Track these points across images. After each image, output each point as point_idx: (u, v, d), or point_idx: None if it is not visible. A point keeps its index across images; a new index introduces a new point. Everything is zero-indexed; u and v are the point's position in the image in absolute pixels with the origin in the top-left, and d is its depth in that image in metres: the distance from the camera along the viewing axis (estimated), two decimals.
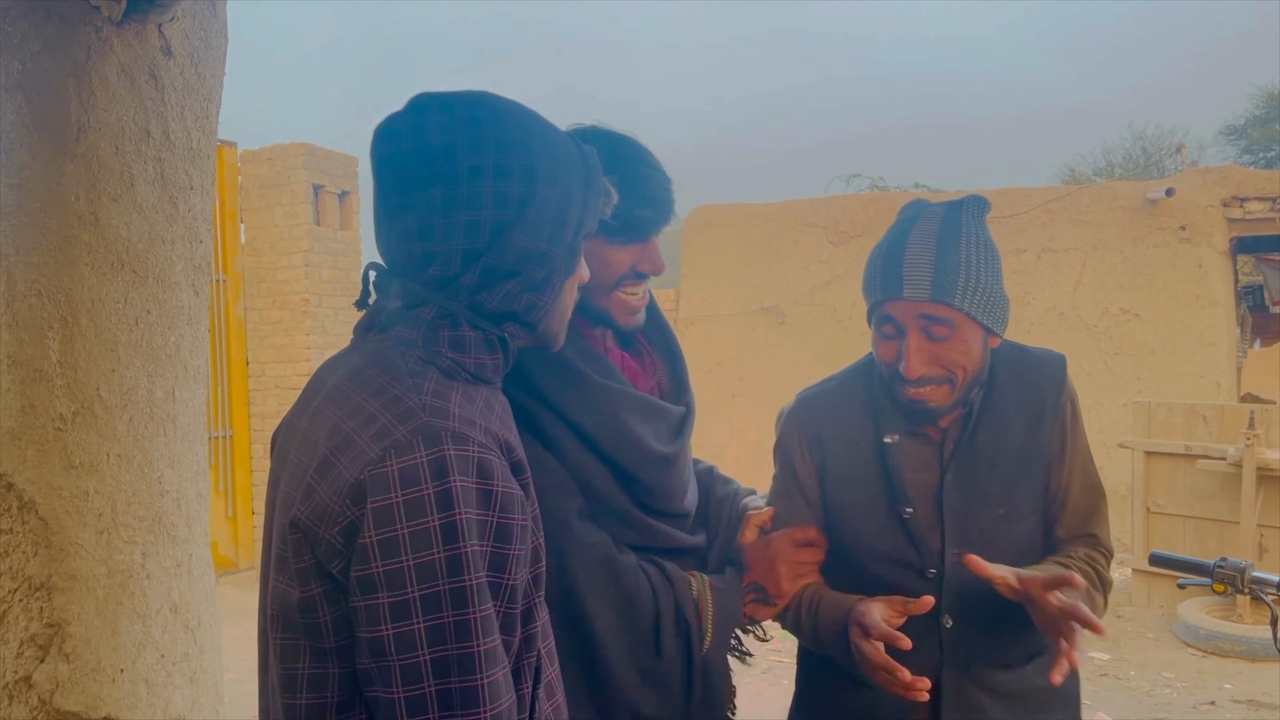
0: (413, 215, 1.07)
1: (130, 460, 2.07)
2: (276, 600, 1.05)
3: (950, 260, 1.46)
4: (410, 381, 1.04)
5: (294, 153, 7.38)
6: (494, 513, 0.99)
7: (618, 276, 1.53)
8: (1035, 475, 1.59)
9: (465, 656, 0.95)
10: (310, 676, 1.02)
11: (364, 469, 0.97)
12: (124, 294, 2.06)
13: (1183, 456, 6.18)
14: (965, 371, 1.50)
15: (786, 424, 1.68)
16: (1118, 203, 8.39)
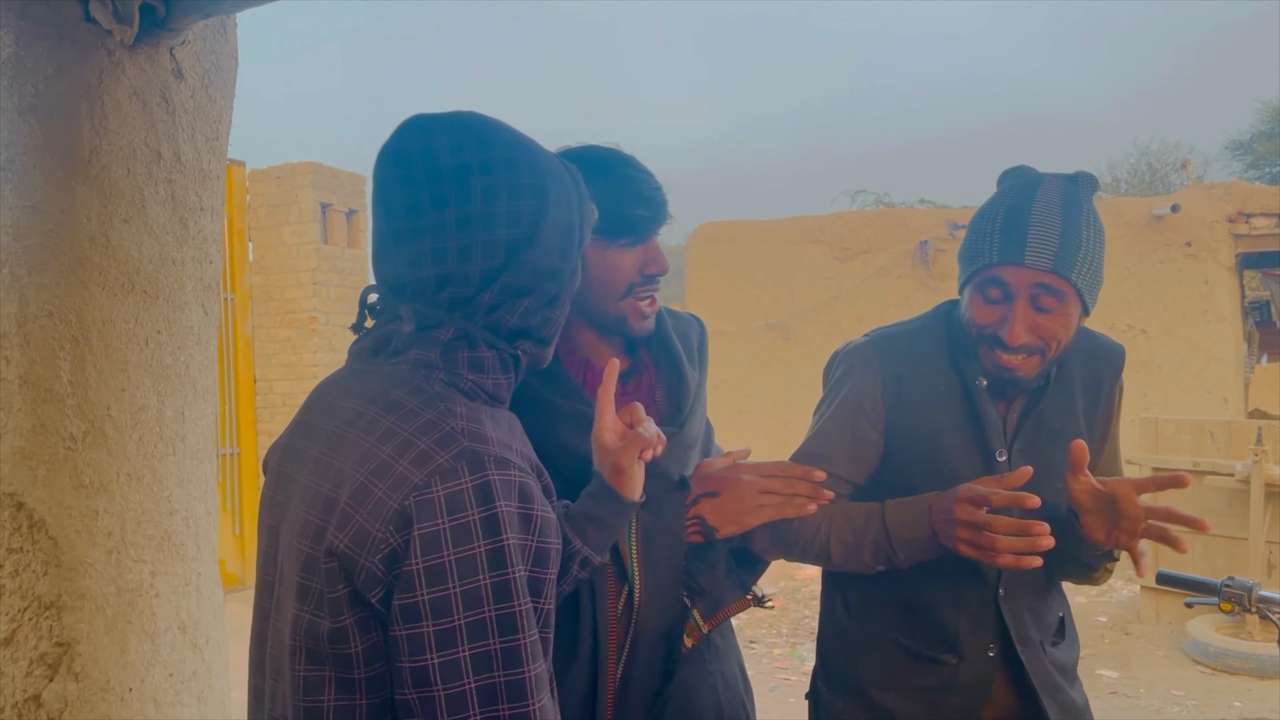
0: (425, 238, 1.07)
1: (140, 479, 2.08)
2: (302, 631, 1.02)
3: (1074, 233, 1.45)
4: (442, 405, 1.03)
5: (302, 172, 7.43)
6: (533, 537, 0.99)
7: (628, 282, 1.55)
8: None
9: (516, 683, 0.94)
10: (337, 709, 1.01)
11: (408, 495, 0.95)
12: (135, 314, 2.07)
13: (1191, 473, 6.16)
14: (1059, 345, 1.50)
15: (861, 359, 1.63)
16: (1123, 219, 8.39)
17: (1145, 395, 8.20)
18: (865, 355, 1.63)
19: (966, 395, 1.57)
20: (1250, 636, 5.59)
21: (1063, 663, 1.63)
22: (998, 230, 1.49)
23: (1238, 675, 5.40)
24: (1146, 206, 8.38)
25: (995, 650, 1.57)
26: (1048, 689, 1.58)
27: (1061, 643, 1.64)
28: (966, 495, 1.41)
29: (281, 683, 1.06)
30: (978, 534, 1.39)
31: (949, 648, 1.58)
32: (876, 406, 1.60)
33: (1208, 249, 8.04)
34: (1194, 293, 8.09)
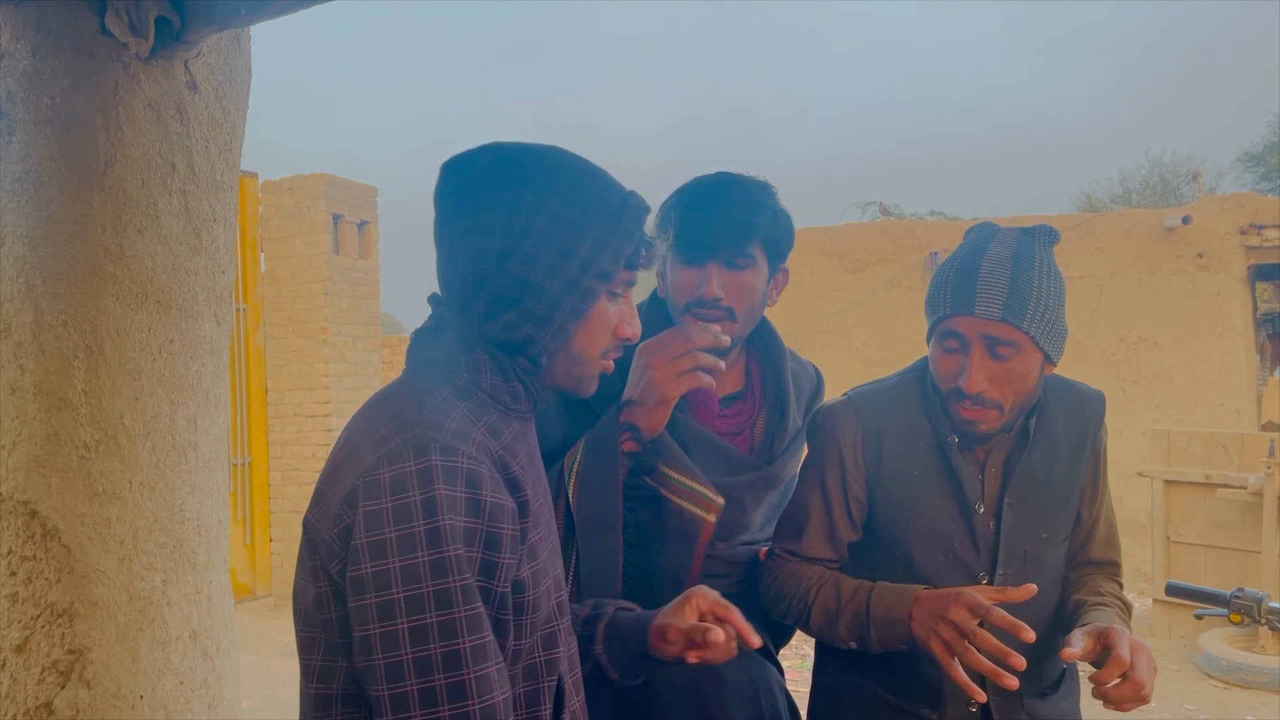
0: (445, 244, 1.17)
1: (152, 488, 2.10)
2: (298, 594, 1.12)
3: (1023, 283, 1.48)
4: (417, 397, 1.11)
5: (314, 183, 7.47)
6: (483, 521, 1.04)
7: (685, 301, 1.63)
8: (1071, 504, 1.63)
9: (451, 654, 1.00)
10: (322, 668, 1.10)
11: (360, 475, 1.04)
12: (148, 324, 2.09)
13: (1203, 485, 6.14)
14: (1018, 395, 1.51)
15: (841, 418, 1.65)
16: (1135, 230, 8.38)
17: (1157, 408, 8.17)
18: (845, 414, 1.65)
19: (942, 450, 1.59)
20: (1263, 650, 5.56)
21: (1048, 716, 1.62)
22: (951, 282, 1.52)
23: (1251, 689, 5.36)
24: (1158, 218, 8.37)
25: (977, 704, 1.56)
26: None
27: (1054, 695, 1.63)
28: (967, 601, 1.40)
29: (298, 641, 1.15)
30: (959, 640, 1.39)
31: (931, 702, 1.58)
32: (858, 464, 1.63)
33: (1219, 261, 8.02)
34: (1206, 304, 8.07)
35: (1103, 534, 1.68)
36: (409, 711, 0.99)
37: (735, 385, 1.75)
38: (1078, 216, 9.18)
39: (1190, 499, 6.24)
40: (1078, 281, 8.51)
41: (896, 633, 1.47)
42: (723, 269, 1.61)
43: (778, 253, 1.69)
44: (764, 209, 1.64)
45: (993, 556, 1.57)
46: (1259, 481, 5.64)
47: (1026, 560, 1.57)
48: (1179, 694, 5.38)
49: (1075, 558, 1.67)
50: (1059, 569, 1.64)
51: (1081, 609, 1.55)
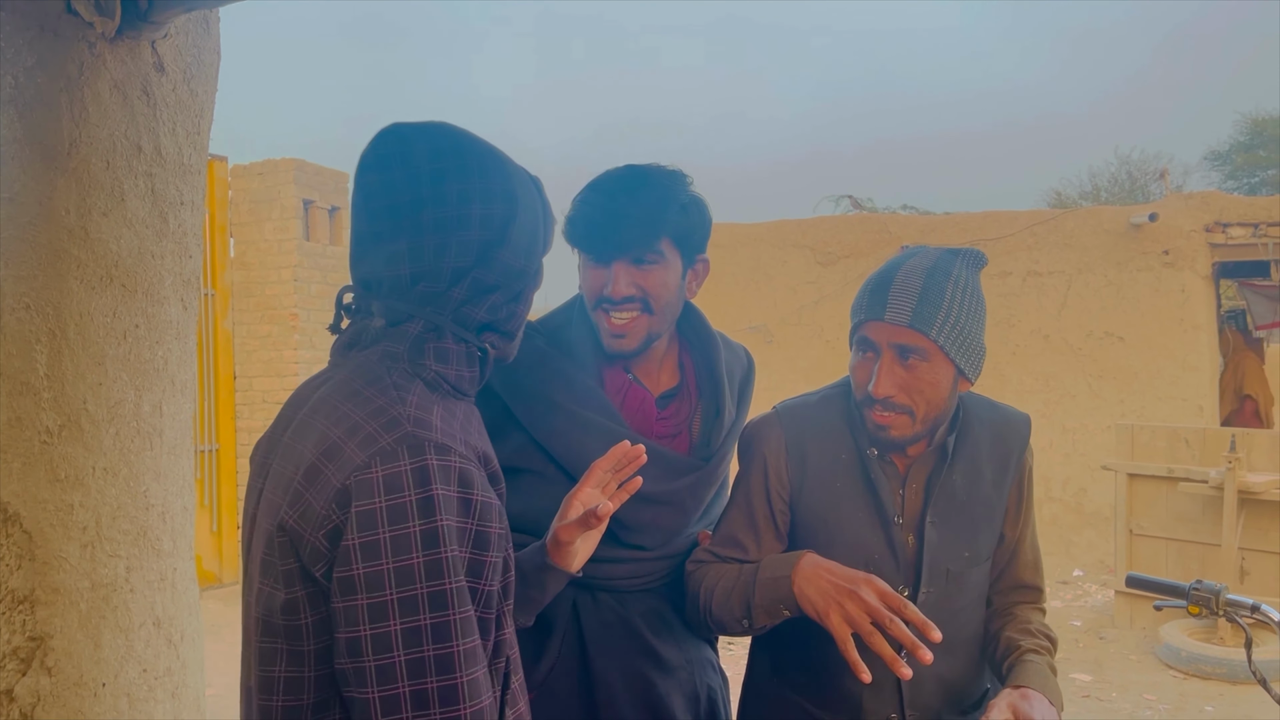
0: (404, 238, 1.14)
1: (116, 474, 2.07)
2: (261, 603, 1.09)
3: (934, 294, 1.50)
4: (395, 393, 1.09)
5: (284, 168, 7.40)
6: (473, 520, 1.04)
7: (594, 297, 1.63)
8: (994, 524, 1.65)
9: (444, 656, 0.99)
10: (287, 679, 1.07)
11: (350, 474, 1.02)
12: (113, 308, 2.06)
13: (1165, 479, 6.22)
14: (929, 405, 1.53)
15: (767, 432, 1.67)
16: (1102, 227, 8.47)
17: (1122, 402, 8.28)
18: (771, 427, 1.67)
19: (862, 462, 1.60)
20: (1222, 642, 5.65)
21: None
22: (867, 291, 1.55)
23: (1210, 680, 5.45)
24: (1125, 215, 8.46)
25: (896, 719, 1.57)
26: None
27: (974, 713, 1.63)
28: (881, 587, 1.39)
29: (249, 652, 1.12)
30: (865, 620, 1.36)
31: (851, 715, 1.59)
32: (782, 476, 1.64)
33: (1185, 258, 8.12)
34: (1171, 301, 8.17)
35: (1028, 557, 1.69)
36: (401, 713, 0.98)
37: (670, 380, 1.75)
38: (1047, 212, 9.26)
39: (1153, 492, 6.33)
40: (1046, 277, 8.59)
41: (779, 591, 1.46)
42: (630, 267, 1.60)
43: (691, 245, 1.66)
44: (671, 203, 1.61)
45: (915, 573, 1.58)
46: (1220, 476, 5.73)
47: (949, 579, 1.58)
48: (1139, 685, 5.46)
49: (1000, 581, 1.69)
50: (981, 588, 1.65)
51: (1012, 654, 1.55)
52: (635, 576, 1.67)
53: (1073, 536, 8.30)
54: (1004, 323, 8.54)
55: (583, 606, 1.65)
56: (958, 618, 1.60)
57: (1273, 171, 22.36)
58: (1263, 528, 5.81)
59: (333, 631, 1.02)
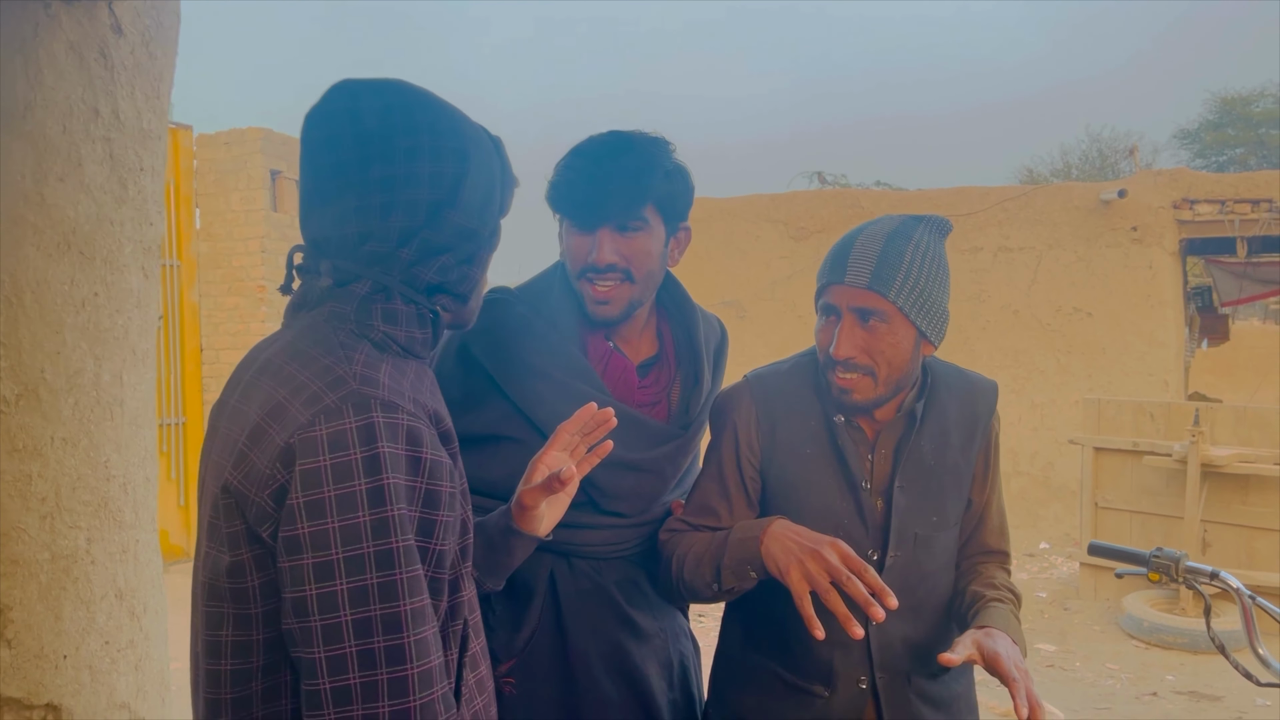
0: (350, 196, 1.11)
1: (75, 444, 2.04)
2: (208, 567, 1.07)
3: (893, 256, 1.50)
4: (341, 352, 1.08)
5: (251, 137, 7.29)
6: (422, 479, 1.03)
7: (578, 265, 1.61)
8: (962, 489, 1.66)
9: (391, 616, 0.98)
10: (235, 643, 1.05)
11: (294, 433, 1.00)
12: (70, 275, 2.03)
13: (1130, 453, 6.30)
14: (890, 367, 1.53)
15: (737, 401, 1.67)
16: (1072, 203, 8.52)
17: (1090, 377, 8.36)
18: (741, 395, 1.67)
19: (830, 429, 1.61)
20: (1184, 612, 5.75)
21: (938, 696, 1.63)
22: (831, 256, 1.56)
23: (1171, 650, 5.55)
24: (1095, 191, 8.51)
25: (866, 682, 1.58)
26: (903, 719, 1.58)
27: (944, 676, 1.64)
28: (844, 550, 1.39)
29: (197, 617, 1.10)
30: (824, 578, 1.37)
31: (823, 679, 1.59)
32: (753, 444, 1.64)
33: (1153, 234, 8.19)
34: (1138, 277, 8.25)
35: (995, 523, 1.71)
36: (347, 674, 0.96)
37: (650, 350, 1.75)
38: (1018, 189, 9.29)
39: (1118, 466, 6.41)
40: (1017, 253, 8.64)
41: (748, 552, 1.47)
42: (615, 234, 1.59)
43: (674, 212, 1.65)
44: (655, 169, 1.60)
45: (883, 537, 1.59)
46: (1184, 449, 5.81)
47: (917, 542, 1.60)
48: (1102, 654, 5.55)
49: (967, 546, 1.71)
50: (950, 553, 1.67)
51: (977, 603, 1.57)
52: (612, 544, 1.67)
53: (1039, 510, 8.40)
54: (974, 298, 8.59)
55: (559, 574, 1.65)
56: (926, 581, 1.62)
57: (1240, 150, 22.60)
58: (1224, 500, 5.90)
59: (279, 593, 1.00)
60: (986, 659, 1.39)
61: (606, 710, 1.64)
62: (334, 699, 0.96)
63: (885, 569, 1.58)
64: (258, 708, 1.05)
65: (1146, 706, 4.77)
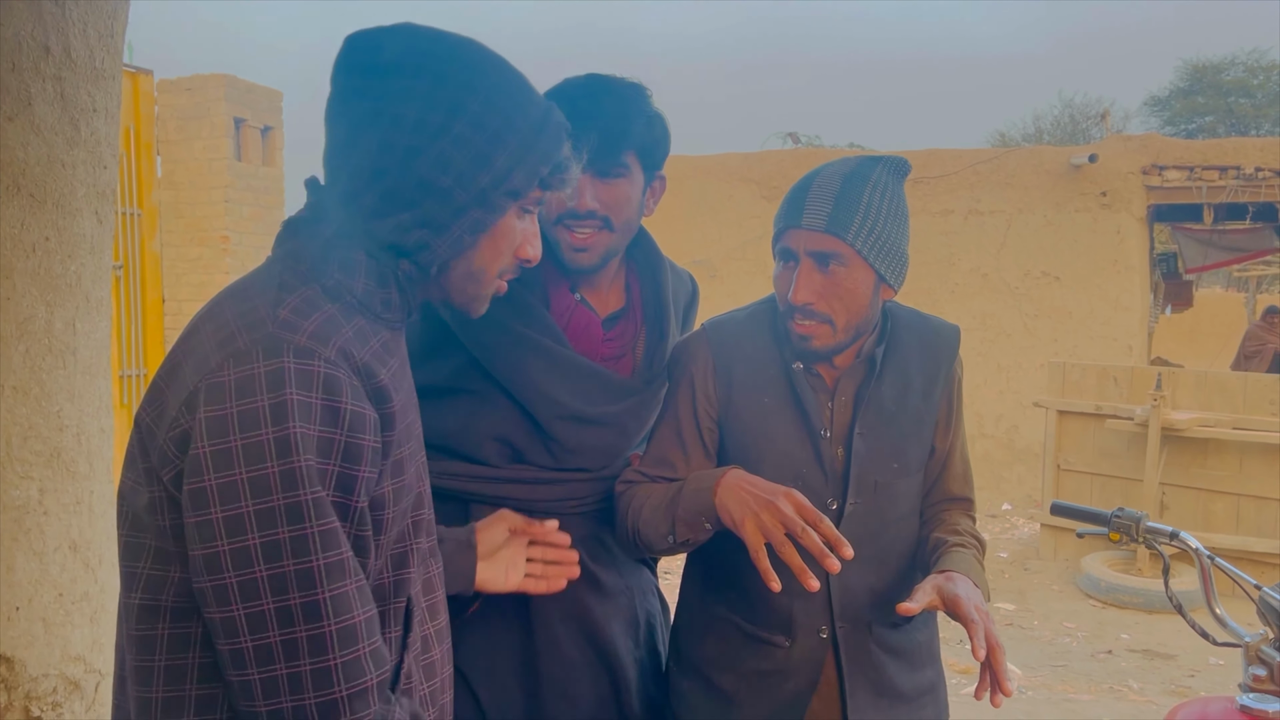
0: (341, 127, 1.06)
1: (26, 393, 1.99)
2: (126, 496, 1.02)
3: (851, 198, 1.47)
4: (275, 294, 1.01)
5: (214, 84, 7.12)
6: (341, 431, 0.96)
7: (555, 211, 1.57)
8: (924, 436, 1.64)
9: (304, 571, 0.93)
10: (149, 576, 1.00)
11: (203, 377, 0.95)
12: (20, 219, 1.96)
13: (1093, 416, 6.38)
14: (850, 312, 1.51)
15: (694, 349, 1.64)
16: (1043, 167, 8.54)
17: (1055, 341, 8.44)
18: (698, 344, 1.64)
19: (788, 377, 1.59)
20: (1140, 573, 5.86)
21: (900, 645, 1.61)
22: (787, 199, 1.53)
23: (1127, 609, 5.66)
24: (1065, 155, 8.54)
25: (827, 632, 1.57)
26: (863, 669, 1.57)
27: (906, 625, 1.61)
28: (799, 500, 1.37)
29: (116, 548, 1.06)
30: (779, 530, 1.35)
31: (783, 629, 1.58)
32: (710, 394, 1.61)
33: (1121, 199, 8.23)
34: (1106, 242, 8.30)
35: (958, 469, 1.69)
36: (266, 632, 0.92)
37: (617, 303, 1.73)
38: (989, 151, 9.31)
39: (1081, 429, 6.48)
40: (987, 216, 8.66)
41: (701, 502, 1.45)
42: (595, 180, 1.56)
43: (653, 160, 1.63)
44: (637, 115, 1.57)
45: (843, 485, 1.57)
46: (1145, 413, 5.88)
47: (878, 490, 1.58)
48: (1060, 613, 5.65)
49: (931, 493, 1.69)
50: (912, 500, 1.65)
51: (940, 549, 1.56)
52: (574, 499, 1.65)
53: (1003, 472, 8.50)
54: (944, 261, 8.62)
55: None
56: (889, 529, 1.60)
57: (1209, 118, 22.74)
58: (1183, 464, 5.99)
59: (188, 546, 0.95)
60: (946, 603, 1.39)
61: (570, 670, 1.62)
62: (256, 657, 0.93)
63: (845, 517, 1.56)
64: (161, 654, 1.00)
65: (1102, 664, 4.87)
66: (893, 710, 1.59)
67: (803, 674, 1.58)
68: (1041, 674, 4.70)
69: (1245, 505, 5.86)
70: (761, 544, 1.36)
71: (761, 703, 1.59)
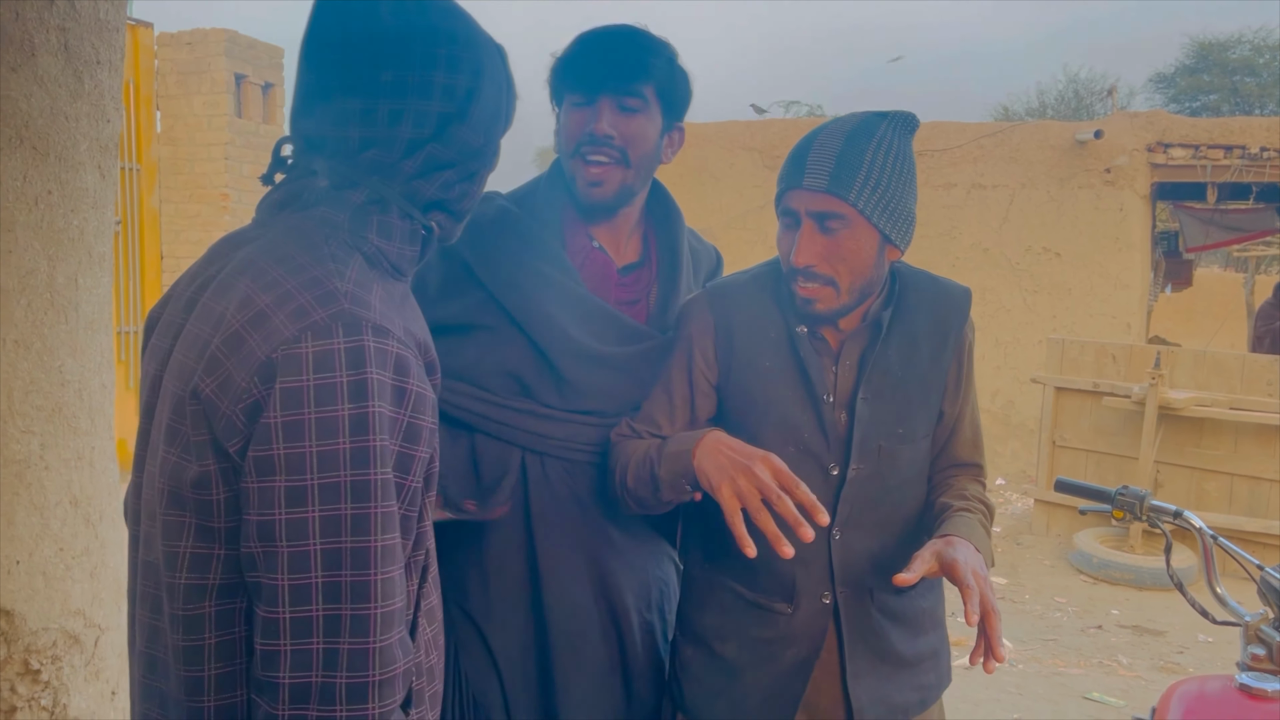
0: (356, 97, 1.05)
1: (28, 347, 1.98)
2: (167, 474, 1.00)
3: (853, 156, 1.44)
4: (333, 265, 1.01)
5: (215, 39, 7.06)
6: (406, 411, 0.97)
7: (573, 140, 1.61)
8: (932, 400, 1.62)
9: (361, 550, 0.93)
10: (193, 555, 0.99)
11: (277, 347, 0.94)
12: (22, 171, 1.94)
13: (1090, 393, 6.39)
14: (854, 274, 1.48)
15: (695, 311, 1.63)
16: (1048, 142, 8.49)
17: (1054, 317, 8.43)
18: (699, 307, 1.63)
19: (791, 340, 1.57)
20: (1132, 550, 5.89)
21: (902, 611, 1.60)
22: (789, 159, 1.51)
23: (1118, 585, 5.70)
24: (1071, 131, 8.48)
25: (829, 598, 1.56)
26: (863, 635, 1.57)
27: (909, 592, 1.58)
28: (775, 465, 1.37)
29: (154, 526, 1.04)
30: (755, 496, 1.35)
31: (785, 596, 1.57)
32: (709, 357, 1.60)
33: (1125, 177, 8.20)
34: (1109, 219, 8.27)
35: (967, 434, 1.67)
36: (310, 605, 0.91)
37: (634, 255, 1.74)
38: (993, 125, 9.24)
39: (1078, 406, 6.50)
40: (990, 190, 8.63)
41: (681, 464, 1.45)
42: (614, 109, 1.58)
43: (672, 105, 1.65)
44: (658, 54, 1.61)
45: (845, 450, 1.55)
46: (1142, 391, 5.90)
47: (881, 455, 1.56)
48: (1051, 588, 5.69)
49: (939, 459, 1.67)
50: (918, 466, 1.63)
51: (945, 513, 1.55)
52: (583, 441, 1.65)
53: (997, 446, 8.52)
54: (945, 235, 8.59)
55: (531, 472, 1.63)
56: (892, 495, 1.58)
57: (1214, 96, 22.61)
58: (1179, 443, 6.01)
59: (241, 511, 0.95)
60: (944, 567, 1.38)
61: (580, 623, 1.63)
62: (292, 629, 0.92)
63: (847, 482, 1.55)
64: (210, 632, 0.99)
65: (1091, 639, 4.91)
66: (893, 675, 1.59)
67: (805, 641, 1.58)
68: (1032, 647, 4.74)
69: (1239, 485, 5.89)
70: (737, 509, 1.36)
71: (765, 671, 1.59)
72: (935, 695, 1.66)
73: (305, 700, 0.92)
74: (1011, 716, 3.93)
